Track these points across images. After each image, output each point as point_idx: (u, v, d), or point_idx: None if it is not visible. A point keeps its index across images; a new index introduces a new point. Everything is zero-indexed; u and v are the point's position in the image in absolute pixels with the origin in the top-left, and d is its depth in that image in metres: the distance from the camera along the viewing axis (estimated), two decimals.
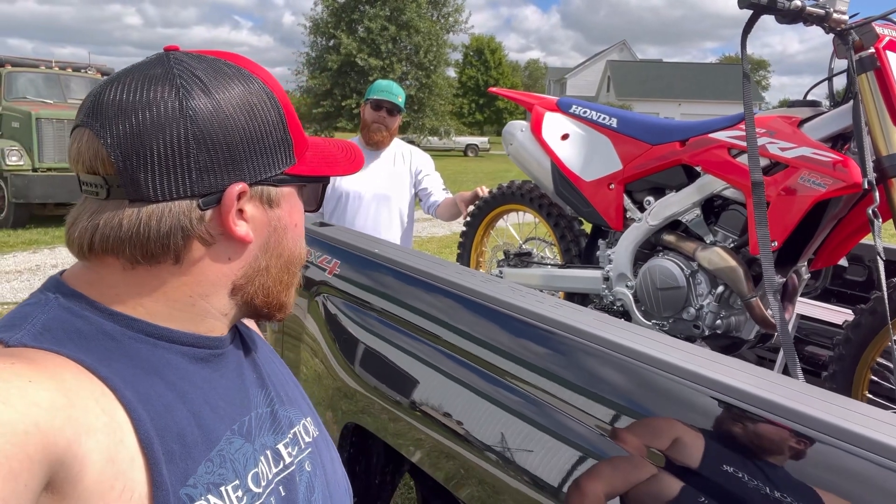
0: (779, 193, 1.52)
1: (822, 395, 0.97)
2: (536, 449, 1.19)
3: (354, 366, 1.66)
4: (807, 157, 1.48)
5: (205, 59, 0.62)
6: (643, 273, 1.86)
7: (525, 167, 2.18)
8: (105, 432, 0.51)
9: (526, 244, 2.48)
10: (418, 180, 2.77)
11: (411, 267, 1.56)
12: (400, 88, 2.72)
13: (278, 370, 0.77)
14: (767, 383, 0.99)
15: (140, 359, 0.57)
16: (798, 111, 1.60)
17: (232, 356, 0.68)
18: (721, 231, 1.74)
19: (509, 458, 1.22)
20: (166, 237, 0.58)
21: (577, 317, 1.23)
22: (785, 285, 1.72)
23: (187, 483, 0.55)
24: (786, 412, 0.91)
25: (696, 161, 1.76)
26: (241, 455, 0.61)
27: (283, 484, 0.65)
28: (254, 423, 0.66)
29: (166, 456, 0.54)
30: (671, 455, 1.01)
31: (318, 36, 27.94)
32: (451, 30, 29.47)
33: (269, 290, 0.67)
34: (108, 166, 0.57)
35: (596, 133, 2.02)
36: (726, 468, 0.96)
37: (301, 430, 0.73)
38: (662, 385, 1.05)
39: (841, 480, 0.86)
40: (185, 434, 0.57)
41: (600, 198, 1.98)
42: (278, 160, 0.64)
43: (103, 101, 0.57)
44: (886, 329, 1.45)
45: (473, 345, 1.35)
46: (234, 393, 0.65)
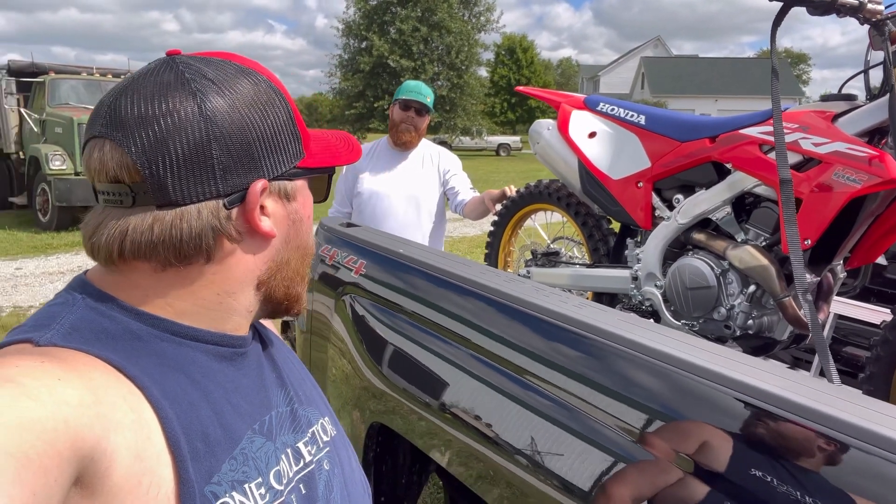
0: (812, 190, 1.47)
1: (854, 399, 0.94)
2: (564, 452, 1.17)
3: (380, 366, 1.66)
4: (841, 152, 1.44)
5: (211, 61, 0.63)
6: (672, 272, 1.82)
7: (552, 166, 2.17)
8: (132, 429, 0.52)
9: (554, 244, 2.46)
10: (446, 180, 2.77)
11: (435, 267, 1.56)
12: (429, 89, 2.72)
13: (296, 369, 0.79)
14: (798, 386, 0.96)
15: (166, 357, 0.59)
16: (832, 105, 1.55)
17: (253, 355, 0.69)
18: (752, 229, 1.70)
19: (537, 461, 1.21)
20: (198, 238, 0.60)
21: (604, 318, 1.21)
22: (820, 284, 1.67)
23: (212, 481, 0.56)
24: (816, 416, 0.88)
25: (726, 158, 1.72)
26: (262, 453, 0.62)
27: (303, 482, 0.67)
28: (274, 421, 0.67)
29: (192, 454, 0.55)
30: (700, 460, 0.99)
31: (351, 38, 28.21)
32: (483, 29, 29.44)
33: (289, 283, 0.69)
34: (135, 174, 0.58)
35: (624, 130, 1.99)
36: (756, 473, 0.94)
37: (319, 429, 0.74)
38: (691, 388, 1.03)
39: (875, 487, 0.83)
40: (209, 432, 0.58)
41: (628, 196, 1.96)
42: (291, 155, 0.66)
43: (121, 111, 0.58)
44: None
45: (499, 345, 1.34)
46: (255, 392, 0.67)
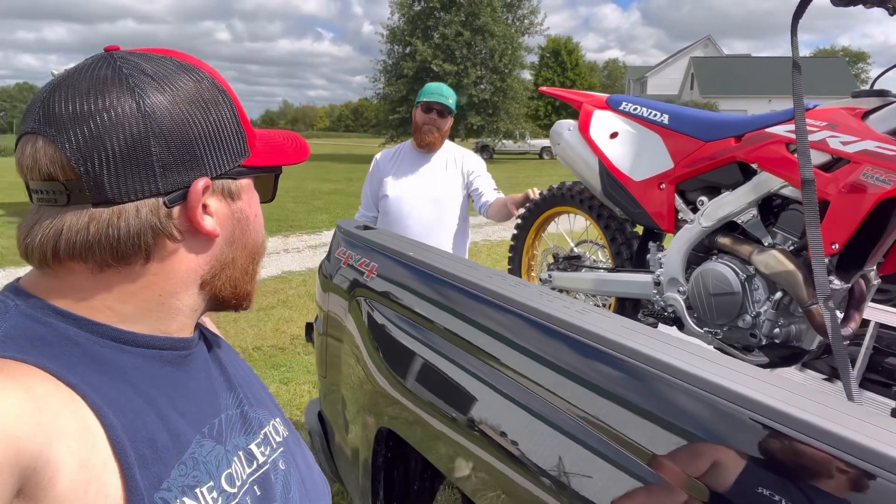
0: (839, 191, 1.38)
1: (874, 420, 0.87)
2: (579, 470, 1.12)
3: (389, 369, 1.64)
4: (870, 151, 1.34)
5: (151, 56, 0.62)
6: (695, 278, 1.75)
7: (572, 167, 2.11)
8: (76, 437, 0.50)
9: (578, 247, 2.40)
10: (469, 181, 2.75)
11: (443, 270, 1.53)
12: (450, 90, 2.71)
13: (244, 372, 0.77)
14: (802, 400, 0.90)
15: (106, 364, 0.57)
16: (863, 102, 1.45)
17: (199, 358, 0.68)
18: (780, 233, 1.61)
19: (551, 477, 1.15)
20: (137, 237, 0.58)
21: (628, 334, 1.11)
22: (851, 292, 1.57)
23: (161, 487, 0.55)
24: (821, 435, 0.82)
25: (752, 158, 1.64)
26: (213, 457, 0.61)
27: (258, 483, 0.66)
28: (224, 424, 0.66)
29: (139, 461, 0.54)
30: (715, 486, 0.92)
31: (395, 44, 28.46)
32: (527, 32, 29.29)
33: (236, 282, 0.68)
34: (69, 171, 0.56)
35: (646, 130, 1.92)
36: (773, 496, 0.87)
37: (271, 430, 0.73)
38: (727, 412, 0.95)
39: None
40: (156, 439, 0.56)
41: (650, 198, 1.89)
42: (235, 153, 0.65)
43: (55, 107, 0.57)
44: None
45: (508, 352, 1.30)
46: (202, 395, 0.65)
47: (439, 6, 27.21)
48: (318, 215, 11.34)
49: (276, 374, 4.14)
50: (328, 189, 15.85)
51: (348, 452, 1.95)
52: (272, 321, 5.25)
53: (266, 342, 4.75)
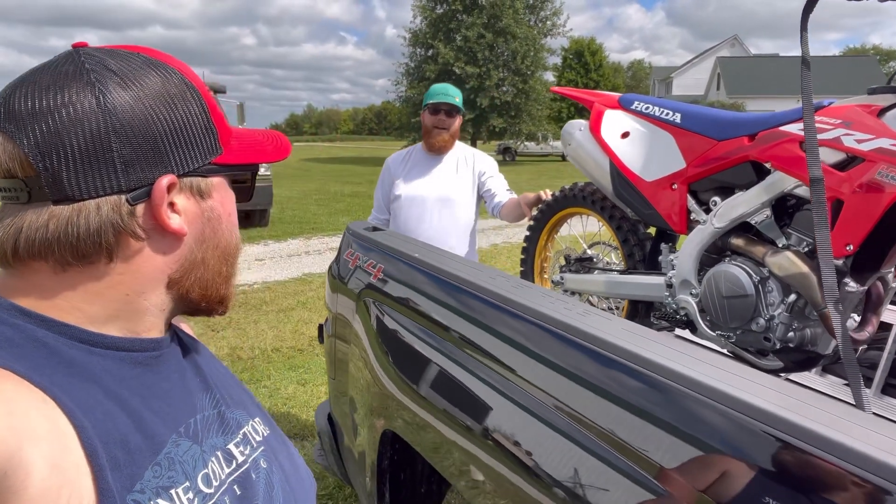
0: (854, 191, 1.34)
1: (875, 426, 0.83)
2: (591, 482, 1.09)
3: (395, 370, 1.64)
4: (886, 149, 1.30)
5: (117, 52, 0.61)
6: (708, 280, 1.71)
7: (583, 168, 2.09)
8: (48, 440, 0.50)
9: (590, 249, 2.37)
10: (482, 182, 2.73)
11: (447, 272, 1.52)
12: (455, 89, 2.70)
13: (221, 373, 0.77)
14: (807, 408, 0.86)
15: (75, 366, 0.56)
16: (879, 98, 1.41)
17: (172, 359, 0.67)
18: (794, 234, 1.57)
19: (564, 489, 1.12)
20: (97, 234, 0.57)
21: (639, 342, 1.06)
22: (868, 294, 1.52)
23: (134, 489, 0.54)
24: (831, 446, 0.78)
25: (765, 157, 1.60)
26: (189, 457, 0.61)
27: (238, 483, 0.65)
28: (200, 424, 0.65)
29: (111, 463, 0.53)
30: (719, 497, 0.89)
31: (417, 47, 28.54)
32: (549, 33, 29.16)
33: (206, 283, 0.67)
34: (28, 168, 0.55)
35: (658, 129, 1.89)
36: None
37: (250, 429, 0.73)
38: (742, 424, 0.91)
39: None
40: (128, 440, 0.56)
41: (662, 199, 1.85)
42: (205, 150, 0.64)
43: (15, 103, 0.56)
44: None
45: (516, 356, 1.27)
46: (176, 395, 0.65)
47: (461, 9, 27.22)
48: (339, 217, 11.40)
49: (293, 375, 4.16)
50: (350, 192, 15.94)
51: (356, 455, 1.94)
52: (291, 323, 5.28)
53: (285, 343, 4.78)
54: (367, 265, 1.84)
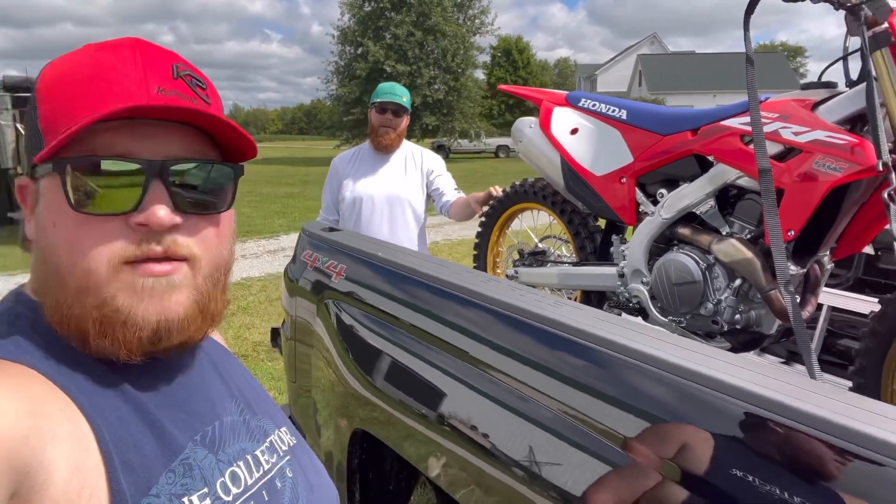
0: (793, 180, 1.44)
1: (829, 393, 0.91)
2: (554, 459, 1.13)
3: (362, 371, 1.64)
4: (821, 140, 1.41)
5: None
6: (658, 268, 1.79)
7: (535, 164, 2.14)
8: (70, 441, 0.50)
9: (542, 243, 2.43)
10: (430, 181, 2.76)
11: (414, 269, 1.53)
12: (403, 89, 2.72)
13: (247, 382, 0.77)
14: (774, 381, 0.93)
15: (96, 370, 0.57)
16: (812, 93, 1.52)
17: (192, 366, 0.67)
18: (737, 222, 1.67)
19: (527, 469, 1.17)
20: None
21: (595, 323, 1.15)
22: (806, 276, 1.64)
23: (150, 493, 0.54)
24: (791, 413, 0.85)
25: (708, 150, 1.69)
26: (207, 464, 0.60)
27: (265, 489, 0.65)
28: (221, 432, 0.65)
29: (124, 466, 0.53)
30: (683, 464, 0.95)
31: (346, 45, 28.26)
32: (478, 32, 29.47)
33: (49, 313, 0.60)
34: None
35: (605, 126, 1.97)
36: (738, 474, 0.91)
37: (276, 439, 0.72)
38: (691, 394, 0.98)
39: (860, 486, 0.80)
40: (143, 445, 0.56)
41: (612, 192, 1.93)
42: (32, 149, 0.60)
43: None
44: None
45: (482, 348, 1.31)
46: (195, 403, 0.65)
47: (390, 6, 27.14)
48: (275, 220, 11.17)
49: None
50: (284, 193, 15.63)
51: (322, 456, 1.93)
52: (233, 328, 5.15)
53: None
54: (327, 266, 1.83)
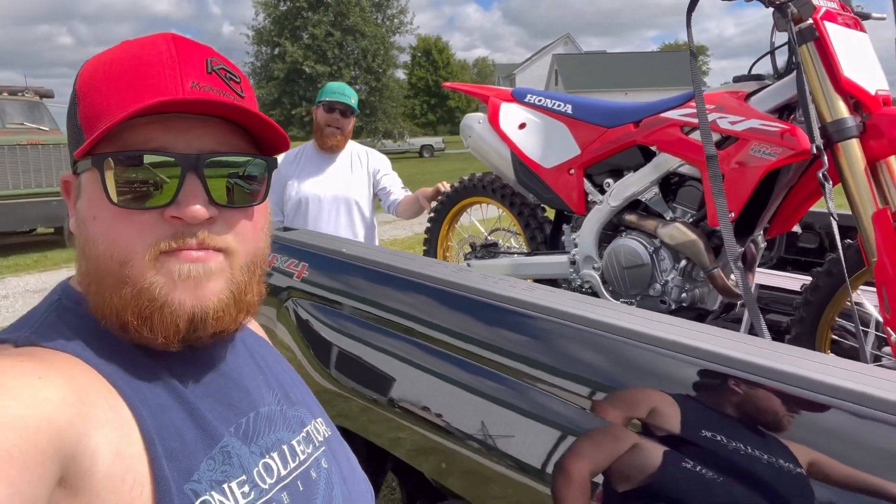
0: (732, 166, 1.56)
1: (787, 350, 1.01)
2: (517, 433, 1.20)
3: (328, 368, 1.64)
4: (756, 128, 1.53)
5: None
6: (608, 254, 1.89)
7: (485, 158, 2.20)
8: (113, 427, 0.52)
9: (491, 235, 2.50)
10: (377, 180, 2.76)
11: (381, 263, 1.55)
12: (352, 90, 2.72)
13: (286, 372, 0.78)
14: (734, 343, 1.02)
15: (137, 358, 0.59)
16: (744, 85, 1.65)
17: (231, 357, 0.68)
18: (680, 207, 1.79)
19: (492, 445, 1.23)
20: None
21: (544, 296, 1.26)
22: (744, 255, 1.78)
23: (192, 479, 0.56)
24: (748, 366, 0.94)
25: (650, 141, 1.80)
26: (245, 452, 0.62)
27: (300, 479, 0.66)
28: (256, 422, 0.66)
29: (166, 452, 0.55)
30: (649, 422, 1.03)
31: (262, 45, 27.56)
32: (397, 31, 29.42)
33: (93, 301, 0.61)
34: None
35: (552, 120, 2.05)
36: (706, 432, 0.99)
37: (313, 429, 0.73)
38: (636, 356, 1.07)
39: (812, 431, 0.90)
40: (184, 433, 0.57)
41: (561, 183, 2.01)
42: (74, 144, 0.61)
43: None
44: (844, 289, 1.51)
45: (446, 335, 1.36)
46: (232, 393, 0.66)
47: (306, 6, 26.69)
48: None
49: None
50: None
51: None
52: None
53: None
54: (287, 265, 1.82)
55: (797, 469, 0.87)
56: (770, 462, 0.89)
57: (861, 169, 1.42)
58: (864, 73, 1.47)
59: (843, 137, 1.43)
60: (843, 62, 1.44)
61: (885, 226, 1.38)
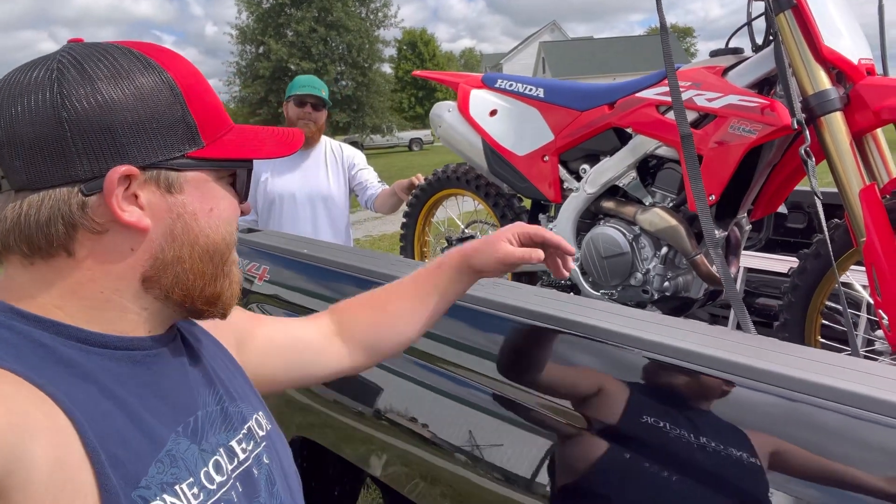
0: (710, 145, 1.48)
1: (768, 345, 0.93)
2: (493, 441, 1.12)
3: None
4: (734, 104, 1.44)
5: (96, 45, 0.61)
6: (586, 243, 1.80)
7: (456, 148, 2.11)
8: (49, 436, 0.50)
9: (469, 228, 2.41)
10: (353, 175, 2.68)
11: (342, 263, 1.47)
12: (321, 82, 2.63)
13: (226, 366, 0.76)
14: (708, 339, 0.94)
15: (73, 365, 0.56)
16: (721, 60, 1.56)
17: (172, 356, 0.66)
18: (659, 191, 1.70)
19: (470, 454, 1.15)
20: (46, 226, 0.57)
21: (509, 294, 1.19)
22: (728, 239, 1.69)
23: (140, 485, 0.54)
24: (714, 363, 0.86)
25: (626, 123, 1.71)
26: (190, 454, 0.61)
27: (240, 479, 0.65)
28: (201, 422, 0.65)
29: (111, 460, 0.53)
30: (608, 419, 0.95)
31: (247, 44, 27.34)
32: (382, 25, 29.21)
33: (187, 283, 0.64)
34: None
35: (524, 105, 1.96)
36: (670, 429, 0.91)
37: (254, 424, 0.72)
38: (612, 355, 1.00)
39: (765, 421, 0.82)
40: (128, 439, 0.56)
41: (536, 171, 1.92)
42: (175, 143, 0.61)
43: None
44: (832, 271, 1.43)
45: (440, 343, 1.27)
46: (175, 394, 0.64)
47: (289, 2, 26.43)
48: None
49: None
50: None
51: None
52: None
53: None
54: (248, 269, 1.73)
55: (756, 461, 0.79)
56: (723, 453, 0.81)
57: (846, 143, 1.34)
58: (846, 41, 1.38)
59: (825, 111, 1.34)
60: (824, 30, 1.35)
61: (873, 203, 1.30)
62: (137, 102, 0.59)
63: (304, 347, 0.92)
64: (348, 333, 0.97)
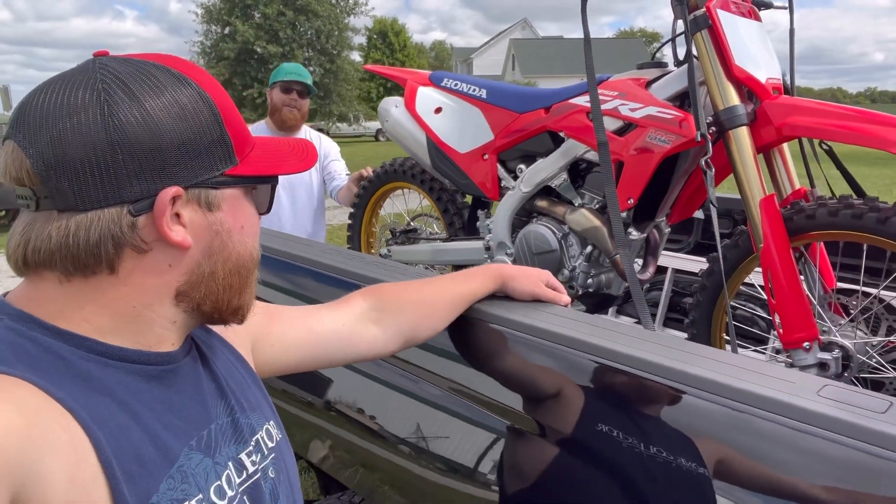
0: (631, 152, 1.58)
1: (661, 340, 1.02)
2: (437, 433, 1.18)
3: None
4: (653, 115, 1.55)
5: (132, 62, 0.61)
6: (519, 240, 1.90)
7: (402, 143, 2.18)
8: (66, 451, 0.51)
9: (414, 221, 2.48)
10: (325, 164, 2.78)
11: (292, 255, 1.52)
12: (307, 71, 2.74)
13: (238, 375, 0.76)
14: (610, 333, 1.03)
15: (91, 379, 0.57)
16: (646, 72, 1.66)
17: (187, 369, 0.67)
18: (587, 193, 1.80)
19: (415, 446, 1.21)
20: (96, 246, 0.58)
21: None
22: (647, 240, 1.80)
23: (150, 501, 0.56)
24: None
25: (559, 127, 1.80)
26: (201, 469, 0.62)
27: (247, 493, 0.66)
28: (213, 436, 0.66)
29: (125, 476, 0.54)
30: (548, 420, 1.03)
31: (212, 24, 26.75)
32: (352, 13, 28.90)
33: (217, 296, 0.66)
34: (34, 177, 0.56)
35: (467, 105, 2.03)
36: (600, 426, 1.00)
37: (264, 434, 0.73)
38: (553, 353, 1.06)
39: (682, 419, 0.91)
40: (142, 454, 0.57)
41: (476, 169, 2.01)
42: (215, 162, 0.63)
43: (27, 112, 0.57)
44: (737, 272, 1.55)
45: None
46: (190, 408, 0.65)
47: None
48: None
49: None
50: None
51: None
52: None
53: None
54: None
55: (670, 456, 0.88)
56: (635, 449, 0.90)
57: (750, 156, 1.45)
58: (756, 61, 1.50)
59: (733, 125, 1.46)
60: (735, 51, 1.46)
61: (771, 212, 1.42)
62: (182, 122, 0.60)
63: (324, 338, 0.95)
64: (391, 320, 1.01)
